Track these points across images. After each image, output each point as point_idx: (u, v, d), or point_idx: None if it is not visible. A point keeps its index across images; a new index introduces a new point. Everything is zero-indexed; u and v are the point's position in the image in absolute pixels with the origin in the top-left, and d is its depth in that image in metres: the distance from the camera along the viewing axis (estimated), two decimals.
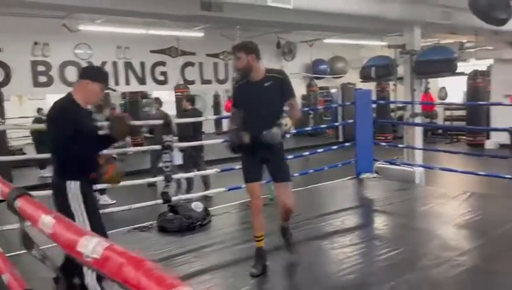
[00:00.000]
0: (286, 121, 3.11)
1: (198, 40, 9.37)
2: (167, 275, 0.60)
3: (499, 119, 10.20)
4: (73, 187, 2.57)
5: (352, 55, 12.41)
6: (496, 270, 3.09)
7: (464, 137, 11.82)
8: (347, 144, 6.95)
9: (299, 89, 13.01)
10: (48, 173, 9.34)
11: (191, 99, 6.79)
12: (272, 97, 3.13)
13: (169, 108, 9.80)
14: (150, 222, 4.55)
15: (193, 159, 6.49)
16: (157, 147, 4.71)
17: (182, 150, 6.65)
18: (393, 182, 5.90)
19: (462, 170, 6.10)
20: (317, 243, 3.91)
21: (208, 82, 10.14)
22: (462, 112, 12.54)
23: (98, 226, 2.64)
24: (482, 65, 11.89)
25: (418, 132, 7.16)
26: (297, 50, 11.20)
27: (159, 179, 4.86)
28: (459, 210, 4.65)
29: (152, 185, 6.63)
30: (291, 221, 4.46)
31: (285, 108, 3.26)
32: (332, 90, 14.74)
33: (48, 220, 0.96)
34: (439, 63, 6.71)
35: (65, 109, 2.61)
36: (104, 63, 8.54)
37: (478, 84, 10.54)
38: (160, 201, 4.65)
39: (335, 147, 7.16)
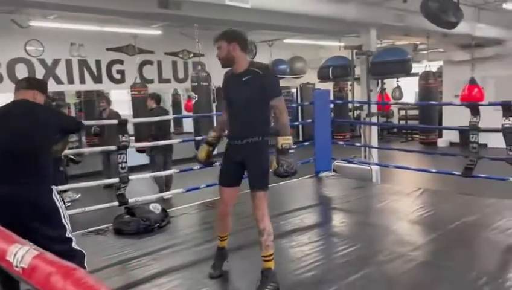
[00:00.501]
0: (283, 140, 2.74)
1: (157, 38, 9.19)
2: (97, 285, 0.56)
3: (450, 118, 10.69)
4: (56, 192, 2.54)
5: (311, 55, 12.59)
6: (446, 265, 3.22)
7: (418, 136, 12.28)
8: (306, 143, 7.04)
9: None
10: None
11: (156, 97, 6.57)
12: (250, 94, 2.81)
13: (127, 107, 9.58)
14: (106, 225, 4.41)
15: (162, 158, 6.33)
16: (112, 147, 4.56)
17: (140, 150, 6.50)
18: (351, 180, 6.03)
19: (416, 168, 6.33)
20: (276, 242, 3.88)
21: (167, 81, 9.96)
22: (416, 112, 13.03)
23: None
24: (434, 66, 12.40)
25: (374, 131, 7.37)
26: (257, 50, 11.23)
27: (115, 180, 4.71)
28: (413, 206, 4.82)
29: (109, 186, 6.43)
30: (250, 221, 4.47)
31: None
32: (292, 90, 14.90)
33: None
34: (393, 64, 6.93)
35: (53, 110, 2.71)
36: (57, 61, 8.21)
37: (430, 85, 10.95)
38: (116, 203, 4.52)
39: (294, 146, 7.21)
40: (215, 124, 3.76)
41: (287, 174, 2.78)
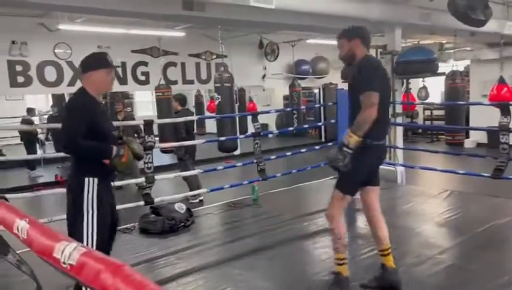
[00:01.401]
0: (346, 135, 2.55)
1: (180, 40, 9.28)
2: (147, 281, 0.57)
3: (477, 119, 10.43)
4: (91, 184, 2.49)
5: (334, 55, 12.46)
6: (475, 269, 3.14)
7: (444, 136, 12.02)
8: (329, 143, 6.98)
9: (283, 89, 13.04)
10: (37, 173, 9.29)
11: (180, 99, 6.39)
12: (353, 91, 2.72)
13: (151, 108, 9.68)
14: (132, 224, 4.49)
15: (191, 161, 6.24)
16: None
17: (165, 151, 6.52)
18: None
19: (442, 169, 6.19)
20: (301, 243, 3.91)
21: (191, 82, 10.04)
22: (441, 112, 12.76)
23: (107, 225, 2.58)
24: (460, 66, 12.12)
25: (399, 131, 7.25)
26: (279, 50, 11.22)
27: (141, 180, 4.78)
28: (440, 208, 4.72)
29: (120, 187, 6.43)
30: (274, 222, 4.48)
31: None
32: (315, 91, 14.83)
33: (22, 225, 0.92)
34: (419, 64, 6.80)
35: (79, 103, 2.55)
36: None
37: (457, 85, 10.70)
38: (142, 202, 4.59)
39: (318, 147, 7.18)
40: (237, 125, 3.74)
41: (331, 164, 2.67)
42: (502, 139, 4.73)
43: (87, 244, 2.47)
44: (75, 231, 2.47)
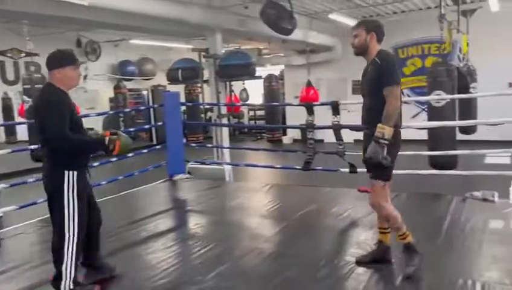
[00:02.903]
0: (378, 128, 2.69)
1: None
2: None
3: (292, 117, 11.68)
4: (70, 177, 2.66)
5: (161, 57, 12.39)
6: (293, 254, 3.47)
7: (265, 134, 13.13)
8: (158, 146, 6.90)
9: (108, 91, 12.34)
10: None
11: None
12: (370, 84, 2.88)
13: None
14: None
15: None
16: None
17: None
18: (205, 181, 6.11)
19: (263, 165, 6.75)
20: (131, 251, 3.75)
21: None
22: (263, 112, 13.92)
23: (84, 215, 2.79)
24: (276, 70, 13.41)
25: (225, 131, 7.61)
26: (101, 50, 10.59)
27: None
28: (263, 201, 5.11)
29: None
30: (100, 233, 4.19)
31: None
32: (144, 92, 14.48)
33: None
34: (238, 67, 7.26)
35: (57, 97, 2.67)
36: None
37: (273, 87, 11.82)
38: None
39: (146, 150, 6.99)
40: None
41: (369, 162, 2.78)
42: (308, 135, 5.38)
43: (68, 235, 2.73)
44: (57, 222, 2.75)
